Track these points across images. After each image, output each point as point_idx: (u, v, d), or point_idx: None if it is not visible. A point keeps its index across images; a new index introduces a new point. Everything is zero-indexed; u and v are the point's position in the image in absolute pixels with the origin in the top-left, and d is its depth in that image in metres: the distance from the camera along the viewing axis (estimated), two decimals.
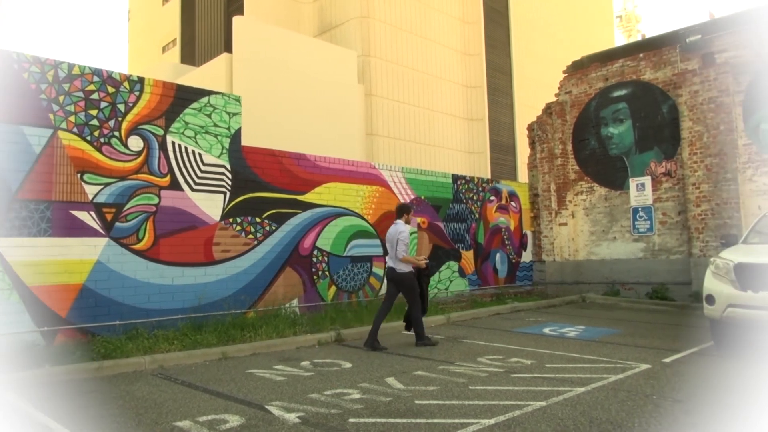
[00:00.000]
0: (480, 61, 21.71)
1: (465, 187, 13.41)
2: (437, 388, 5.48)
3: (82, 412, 4.81)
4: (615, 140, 14.07)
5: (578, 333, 8.88)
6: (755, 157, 11.77)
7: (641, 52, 13.84)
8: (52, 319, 6.96)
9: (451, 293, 12.60)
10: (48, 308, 6.95)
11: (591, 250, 14.41)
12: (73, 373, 5.95)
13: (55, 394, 5.35)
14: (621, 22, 59.48)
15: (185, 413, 4.71)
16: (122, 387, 5.64)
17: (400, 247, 7.80)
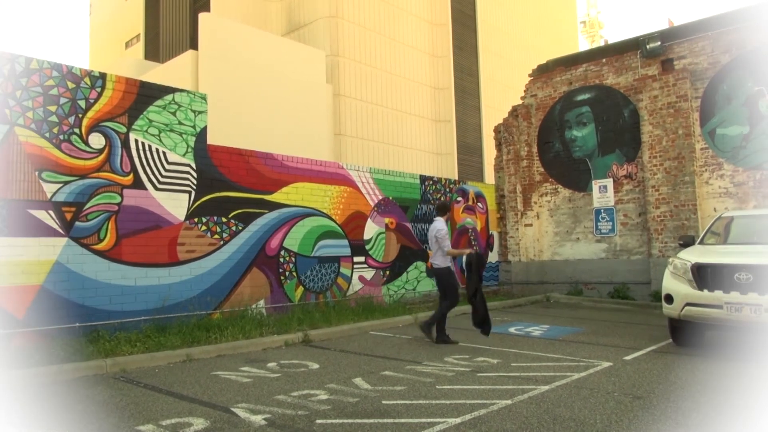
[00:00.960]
0: (448, 63, 21.89)
1: (433, 188, 13.50)
2: (405, 387, 5.51)
3: (41, 417, 4.66)
4: (579, 143, 14.38)
5: (543, 332, 9.04)
6: (711, 160, 12.19)
7: (604, 57, 14.19)
8: (8, 322, 6.73)
9: (419, 293, 12.67)
10: (4, 310, 6.71)
11: (555, 250, 14.69)
12: (31, 377, 5.75)
13: (11, 399, 5.17)
14: (585, 28, 60.79)
15: (148, 417, 4.61)
16: (82, 391, 5.49)
17: (444, 243, 8.16)
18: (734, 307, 6.65)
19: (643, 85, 13.11)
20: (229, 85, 15.21)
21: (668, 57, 12.94)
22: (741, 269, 6.71)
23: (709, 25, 12.47)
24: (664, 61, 13.01)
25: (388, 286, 12.00)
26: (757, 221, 8.56)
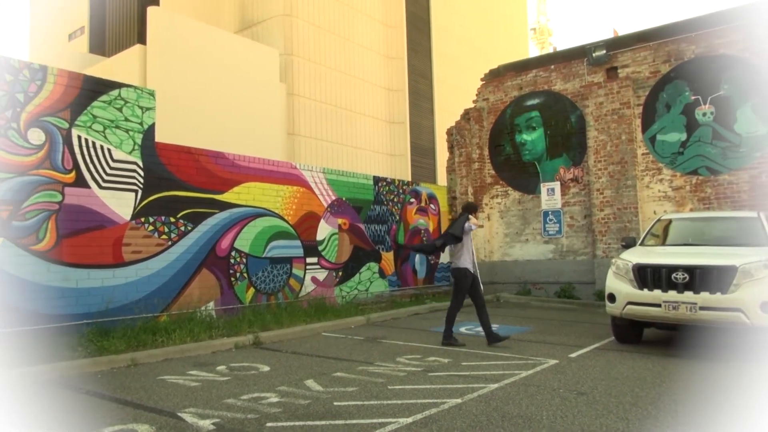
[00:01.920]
0: (402, 65, 22.04)
1: (386, 189, 13.56)
2: (356, 388, 5.51)
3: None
4: (528, 147, 14.75)
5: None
6: (652, 165, 12.74)
7: (552, 63, 14.60)
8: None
9: (372, 294, 12.70)
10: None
11: (505, 251, 15.01)
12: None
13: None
14: (535, 35, 62.41)
15: (89, 425, 4.44)
16: (20, 398, 5.23)
17: (466, 226, 8.05)
18: (671, 305, 6.96)
19: (589, 91, 13.57)
20: (178, 81, 14.84)
21: (613, 65, 13.44)
22: (678, 269, 7.04)
23: (650, 36, 13.03)
24: (609, 69, 13.51)
25: (340, 287, 11.98)
26: (692, 223, 9.01)
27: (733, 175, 11.72)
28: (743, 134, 11.63)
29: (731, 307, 6.66)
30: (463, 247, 8.02)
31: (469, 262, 8.04)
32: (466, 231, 8.02)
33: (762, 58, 11.51)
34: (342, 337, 8.77)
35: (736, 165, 11.68)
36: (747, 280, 6.67)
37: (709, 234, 8.56)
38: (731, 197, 11.71)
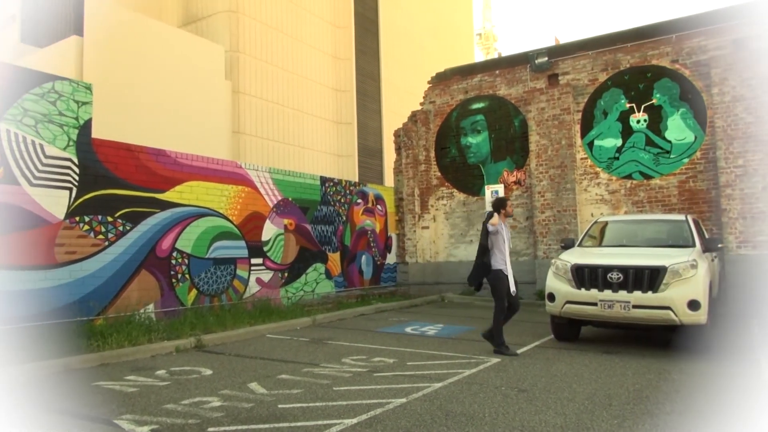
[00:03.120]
0: (350, 66, 22.01)
1: (333, 189, 13.51)
2: (301, 390, 5.47)
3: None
4: (473, 149, 15.05)
5: (437, 331, 9.35)
6: (590, 170, 13.25)
7: (497, 68, 14.96)
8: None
9: (318, 295, 12.62)
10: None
11: (450, 252, 15.25)
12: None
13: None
14: (480, 40, 63.69)
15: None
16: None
17: (491, 228, 7.52)
18: (607, 304, 7.27)
19: (532, 97, 13.98)
20: (118, 75, 14.28)
21: (554, 72, 13.90)
22: (613, 269, 7.35)
23: (589, 45, 13.55)
24: (551, 75, 13.96)
25: (286, 288, 11.85)
26: (627, 226, 9.44)
27: (664, 179, 12.34)
28: (673, 141, 12.27)
29: (661, 305, 7.01)
30: (494, 247, 7.51)
31: (502, 262, 7.48)
32: (491, 233, 7.52)
33: (690, 69, 12.18)
34: (287, 338, 8.68)
35: (667, 170, 12.31)
36: (676, 279, 7.05)
37: (642, 236, 8.99)
38: (662, 201, 12.32)
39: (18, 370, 6.08)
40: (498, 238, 7.51)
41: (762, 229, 11.06)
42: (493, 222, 7.52)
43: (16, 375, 6.01)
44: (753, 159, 11.24)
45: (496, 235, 7.51)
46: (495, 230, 7.50)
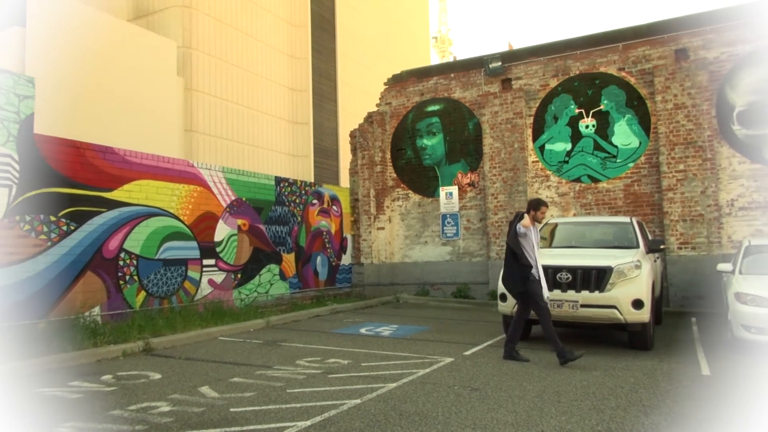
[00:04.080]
0: (306, 65, 21.83)
1: (288, 189, 13.39)
2: (254, 393, 5.39)
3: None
4: (428, 151, 15.20)
5: (392, 332, 9.39)
6: (541, 173, 13.59)
7: (452, 72, 15.16)
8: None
9: (272, 297, 12.48)
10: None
11: (405, 253, 15.35)
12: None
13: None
14: (436, 43, 64.38)
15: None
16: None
17: (520, 230, 6.99)
18: (556, 303, 7.47)
19: (486, 101, 14.23)
20: (63, 69, 13.72)
21: (507, 77, 14.19)
22: (562, 270, 7.57)
23: (541, 51, 13.91)
24: (504, 80, 14.25)
25: (239, 289, 11.66)
26: (575, 227, 9.73)
27: (610, 183, 12.79)
28: (619, 146, 12.73)
29: (607, 305, 7.26)
30: (524, 250, 7.01)
31: (534, 266, 6.99)
32: (521, 235, 7.02)
33: (635, 77, 12.66)
34: (240, 341, 8.54)
35: (613, 174, 12.76)
36: (621, 279, 7.31)
37: (590, 237, 9.29)
38: (609, 203, 12.77)
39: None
40: (527, 242, 7.00)
41: (700, 231, 11.61)
42: (525, 224, 6.99)
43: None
44: (693, 164, 11.78)
45: (525, 239, 6.99)
46: (524, 233, 7.00)
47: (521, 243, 6.99)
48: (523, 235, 7.01)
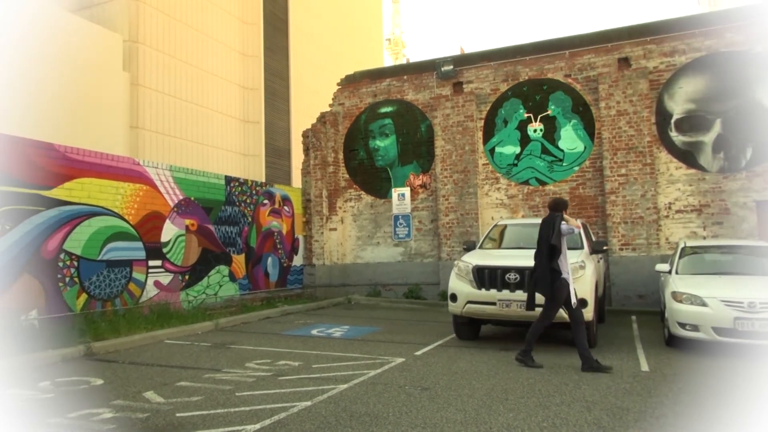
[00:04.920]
0: (258, 64, 21.52)
1: (238, 189, 13.16)
2: (201, 398, 5.27)
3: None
4: (381, 152, 15.26)
5: (343, 333, 9.37)
6: (491, 175, 13.86)
7: (405, 74, 15.28)
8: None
9: (221, 298, 12.23)
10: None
11: (357, 254, 15.35)
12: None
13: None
14: (389, 45, 64.65)
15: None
16: None
17: (564, 228, 6.74)
18: (505, 303, 7.63)
19: (438, 103, 14.41)
20: (0, 60, 13.04)
21: (459, 80, 14.41)
22: (510, 270, 7.74)
23: (492, 56, 14.20)
24: (456, 83, 14.46)
25: (187, 291, 11.37)
26: (524, 229, 9.96)
27: (557, 186, 13.17)
28: (566, 150, 13.14)
29: None
30: (561, 253, 6.73)
31: (566, 271, 6.74)
32: (565, 234, 6.75)
33: (581, 84, 13.10)
34: (187, 344, 8.33)
35: (560, 177, 13.15)
36: None
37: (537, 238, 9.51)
38: None
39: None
40: (564, 242, 6.78)
41: (640, 232, 12.12)
42: (574, 223, 6.82)
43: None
44: (634, 169, 12.28)
45: (563, 239, 6.74)
46: (571, 231, 6.78)
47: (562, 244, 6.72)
48: (570, 233, 6.81)
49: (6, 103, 12.75)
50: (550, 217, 6.92)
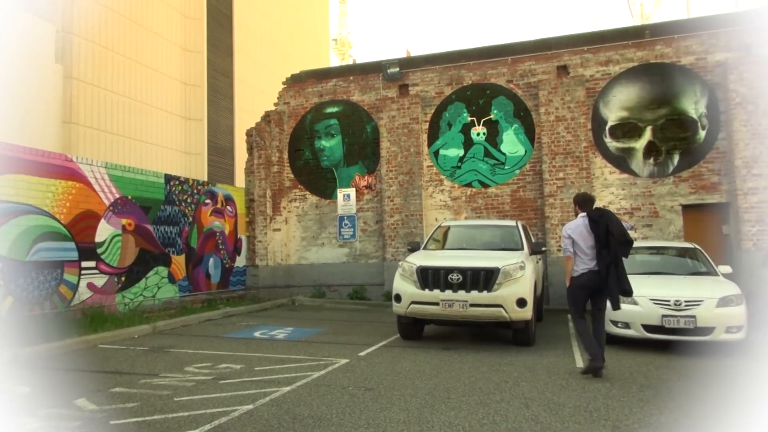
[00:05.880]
0: (201, 60, 20.96)
1: (179, 188, 12.79)
2: (137, 404, 5.09)
3: None
4: (326, 153, 15.20)
5: (287, 334, 9.27)
6: (435, 177, 14.06)
7: (352, 75, 15.27)
8: None
9: (159, 301, 11.84)
10: None
11: (302, 254, 15.22)
12: None
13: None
14: (336, 45, 64.44)
15: None
16: None
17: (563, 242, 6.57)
18: (447, 303, 7.75)
19: (384, 105, 14.48)
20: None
21: (405, 83, 14.54)
22: (453, 271, 7.87)
23: (437, 60, 14.41)
24: (402, 86, 14.59)
25: (123, 293, 10.95)
26: (466, 230, 10.17)
27: (499, 188, 13.51)
28: (507, 154, 13.49)
29: (494, 304, 7.65)
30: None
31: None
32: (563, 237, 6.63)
33: (522, 90, 13.49)
34: (123, 348, 8.03)
35: (502, 180, 13.49)
36: (507, 279, 7.73)
37: (480, 239, 9.74)
38: (497, 207, 13.48)
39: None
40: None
41: None
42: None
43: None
44: (571, 173, 12.75)
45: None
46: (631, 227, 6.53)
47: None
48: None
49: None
50: (599, 215, 6.46)
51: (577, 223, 6.60)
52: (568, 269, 6.59)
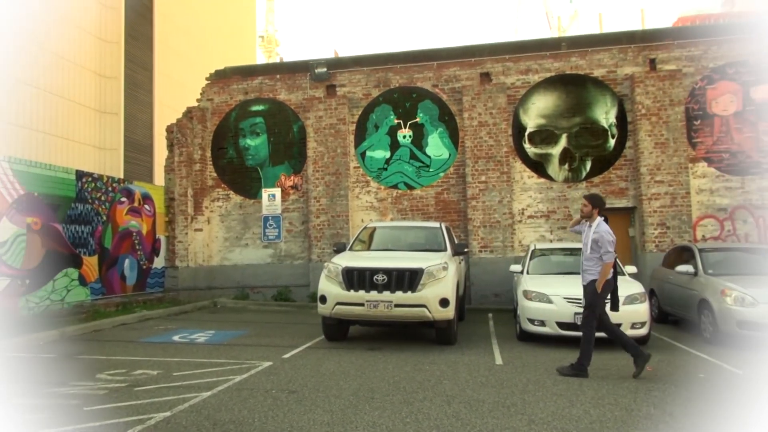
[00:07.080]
0: (118, 51, 19.91)
1: (92, 185, 12.10)
2: (43, 415, 4.77)
3: None
4: (252, 152, 14.88)
5: (208, 338, 9.00)
6: (362, 178, 14.12)
7: (278, 73, 15.06)
8: None
9: (69, 304, 11.15)
10: None
11: (225, 255, 14.82)
12: None
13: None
14: (263, 42, 63.27)
15: None
16: None
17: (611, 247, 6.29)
18: (372, 304, 7.81)
19: (311, 105, 14.38)
20: None
21: (332, 83, 14.51)
22: (378, 272, 7.93)
23: (365, 61, 14.48)
24: (329, 86, 14.54)
25: (28, 296, 10.22)
26: (392, 231, 10.29)
27: (424, 190, 13.76)
28: (432, 157, 13.77)
29: (418, 304, 7.78)
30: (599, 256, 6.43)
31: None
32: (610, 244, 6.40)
33: (447, 94, 13.82)
34: (27, 356, 7.49)
35: (427, 182, 13.75)
36: (431, 280, 7.89)
37: (405, 240, 9.88)
38: (422, 209, 13.72)
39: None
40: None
41: (497, 236, 13.05)
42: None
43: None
44: (492, 176, 13.20)
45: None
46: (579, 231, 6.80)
47: None
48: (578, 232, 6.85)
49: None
50: (597, 218, 6.53)
51: (608, 227, 6.48)
52: (608, 273, 6.37)
